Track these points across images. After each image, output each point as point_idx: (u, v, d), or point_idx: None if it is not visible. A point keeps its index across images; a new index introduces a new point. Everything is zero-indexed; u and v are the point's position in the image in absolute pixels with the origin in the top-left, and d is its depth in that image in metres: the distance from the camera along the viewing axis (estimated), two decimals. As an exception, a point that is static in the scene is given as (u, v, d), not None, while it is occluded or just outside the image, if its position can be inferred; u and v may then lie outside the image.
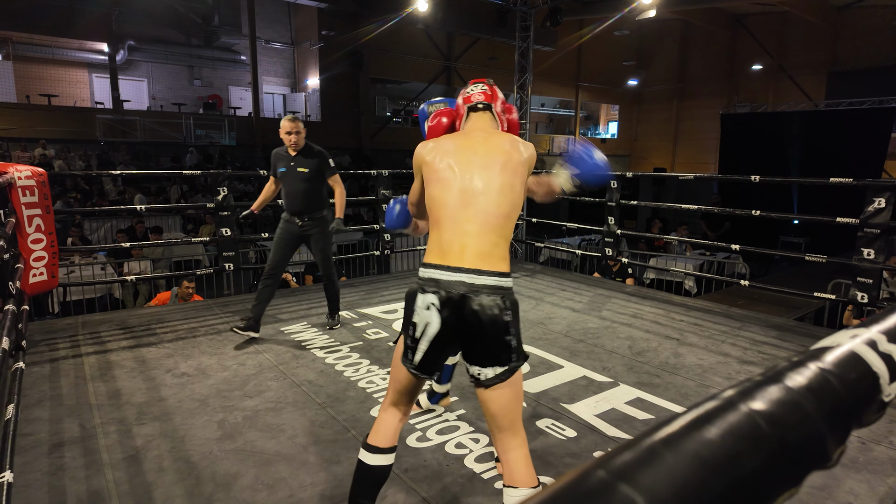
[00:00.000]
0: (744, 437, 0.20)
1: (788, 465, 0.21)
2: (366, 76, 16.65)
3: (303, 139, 3.57)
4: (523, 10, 8.11)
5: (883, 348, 0.30)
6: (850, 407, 0.26)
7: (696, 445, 0.19)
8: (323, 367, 3.20)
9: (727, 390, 0.24)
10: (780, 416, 0.22)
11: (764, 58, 17.53)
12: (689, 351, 3.55)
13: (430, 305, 1.50)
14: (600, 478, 0.18)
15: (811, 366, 0.27)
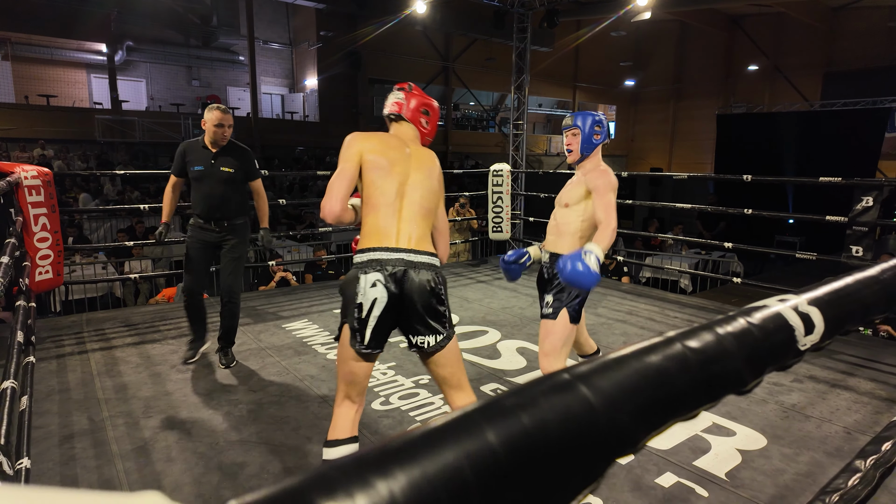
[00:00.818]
0: (674, 361, 0.28)
1: (707, 385, 0.28)
2: (364, 77, 16.72)
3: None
4: (520, 11, 8.19)
5: (802, 309, 0.37)
6: (766, 350, 0.33)
7: (637, 363, 0.27)
8: (324, 363, 3.27)
9: (671, 332, 0.31)
10: (704, 350, 0.29)
11: (760, 59, 17.66)
12: (683, 347, 3.64)
13: (376, 282, 1.64)
14: (564, 378, 0.25)
15: (740, 319, 0.34)
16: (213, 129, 3.05)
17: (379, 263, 1.66)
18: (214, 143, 3.09)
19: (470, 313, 4.34)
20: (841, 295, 0.43)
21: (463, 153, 18.96)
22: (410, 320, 1.70)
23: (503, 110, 20.65)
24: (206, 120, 3.06)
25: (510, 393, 0.23)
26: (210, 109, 3.07)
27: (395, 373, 3.12)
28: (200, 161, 3.08)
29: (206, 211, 3.11)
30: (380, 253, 1.67)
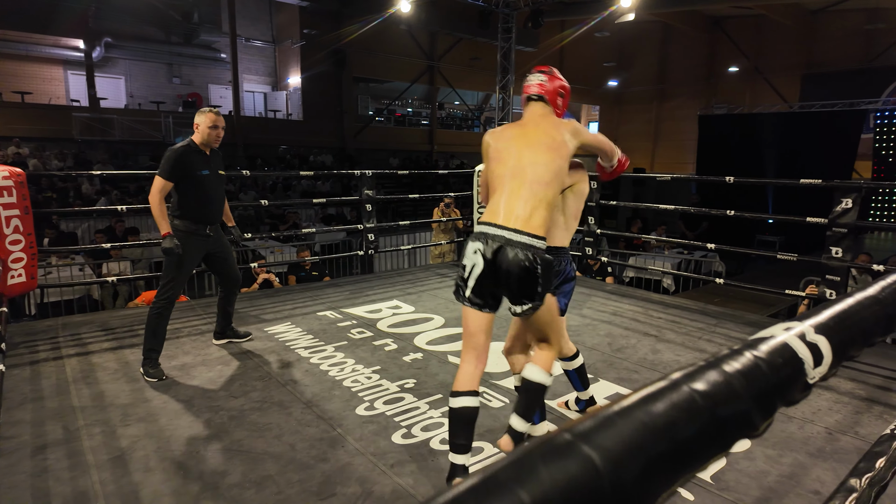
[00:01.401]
0: (682, 409, 0.25)
1: (718, 432, 0.26)
2: (348, 75, 16.60)
3: None
4: (505, 11, 8.19)
5: (810, 338, 0.35)
6: (775, 387, 0.31)
7: (642, 415, 0.24)
8: (308, 367, 3.22)
9: (675, 372, 0.29)
10: (713, 393, 0.27)
11: (741, 60, 17.91)
12: (667, 347, 3.65)
13: (476, 251, 1.92)
14: (565, 439, 0.23)
15: (746, 353, 0.32)
16: (207, 131, 3.07)
17: (484, 236, 1.92)
18: (207, 146, 3.12)
19: (455, 315, 4.32)
20: (844, 319, 0.41)
21: (448, 152, 18.93)
22: (505, 288, 1.95)
23: (488, 110, 20.66)
24: (200, 122, 3.07)
25: (506, 464, 0.21)
26: (202, 112, 3.09)
27: (379, 377, 3.08)
28: (202, 165, 3.10)
29: (205, 216, 3.13)
30: (486, 227, 1.93)
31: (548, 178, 1.96)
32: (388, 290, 5.14)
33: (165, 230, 2.98)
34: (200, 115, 3.08)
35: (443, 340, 3.72)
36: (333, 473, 2.14)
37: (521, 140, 2.02)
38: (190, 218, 3.07)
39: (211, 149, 3.15)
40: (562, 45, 18.03)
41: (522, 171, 1.95)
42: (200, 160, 3.10)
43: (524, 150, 1.98)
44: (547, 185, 1.96)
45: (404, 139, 18.38)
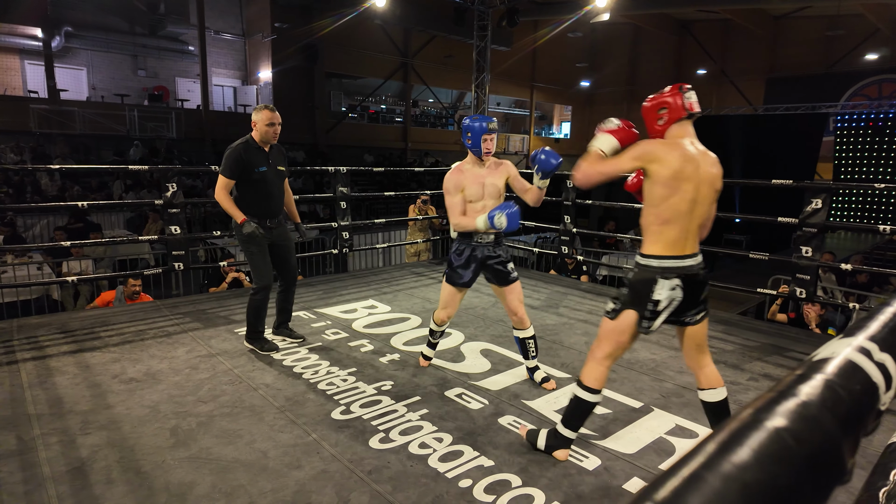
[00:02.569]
0: (777, 459, 0.20)
1: (817, 484, 0.21)
2: (321, 70, 16.33)
3: None
4: (481, 9, 8.15)
5: (877, 358, 0.31)
6: (856, 417, 0.26)
7: (736, 470, 0.19)
8: (281, 370, 3.12)
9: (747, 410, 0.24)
10: (803, 433, 0.22)
11: (708, 63, 18.31)
12: (642, 346, 3.67)
13: (676, 287, 1.98)
14: (649, 509, 0.18)
15: (818, 377, 0.28)
16: (265, 128, 3.17)
17: (676, 270, 1.99)
18: (266, 143, 3.23)
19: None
20: (898, 332, 0.37)
21: (422, 150, 18.84)
22: (690, 305, 2.06)
23: (462, 108, 20.63)
24: (257, 120, 3.19)
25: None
26: (259, 110, 3.20)
27: (355, 379, 3.00)
28: (261, 162, 3.21)
29: (267, 211, 3.28)
30: (676, 261, 1.99)
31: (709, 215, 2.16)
32: (363, 289, 5.04)
33: (241, 217, 3.14)
34: (257, 112, 3.19)
35: (420, 341, 3.65)
36: (308, 481, 2.07)
37: (697, 170, 1.99)
38: (251, 212, 3.20)
39: (270, 145, 3.25)
40: (536, 45, 18.12)
41: (700, 205, 2.00)
42: (260, 157, 3.21)
43: (701, 184, 1.99)
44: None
45: (378, 136, 18.20)
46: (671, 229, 1.98)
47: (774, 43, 16.64)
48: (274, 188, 3.29)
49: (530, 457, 2.28)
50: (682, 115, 2.02)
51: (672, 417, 2.65)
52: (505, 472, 2.16)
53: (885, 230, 4.03)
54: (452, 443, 2.36)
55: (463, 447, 2.33)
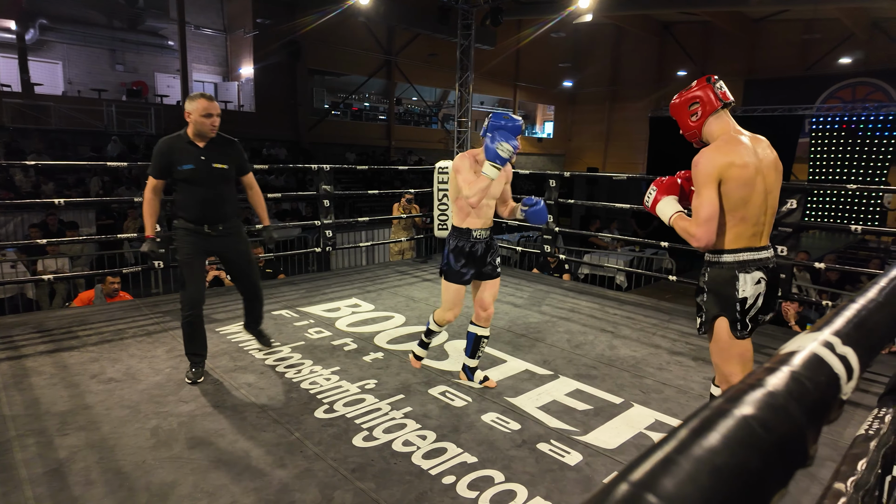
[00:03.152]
0: (745, 444, 0.22)
1: (782, 467, 0.23)
2: (303, 67, 16.19)
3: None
4: (465, 7, 8.16)
5: (840, 350, 0.33)
6: (820, 407, 0.28)
7: (707, 454, 0.21)
8: (263, 369, 3.10)
9: (717, 399, 0.26)
10: (771, 421, 0.24)
11: (689, 64, 18.57)
12: (623, 343, 3.72)
13: (760, 279, 1.89)
14: (625, 490, 0.19)
15: (784, 369, 0.29)
16: (201, 120, 2.75)
17: (757, 263, 1.90)
18: (201, 136, 2.81)
19: (416, 313, 4.27)
20: (862, 326, 0.39)
21: (406, 148, 18.80)
22: (770, 301, 1.96)
23: (446, 106, 20.63)
24: (191, 110, 2.76)
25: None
26: (193, 99, 2.78)
27: (339, 378, 3.00)
28: (188, 159, 2.78)
29: (201, 215, 2.83)
30: (755, 253, 1.90)
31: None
32: (346, 287, 5.03)
33: (148, 232, 2.85)
34: (191, 101, 2.76)
35: (404, 339, 3.66)
36: (291, 481, 2.06)
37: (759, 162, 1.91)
38: (187, 217, 2.84)
39: (209, 139, 2.83)
40: (519, 44, 18.19)
41: (768, 195, 1.93)
42: (188, 153, 2.78)
43: (766, 173, 1.93)
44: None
45: (361, 134, 18.11)
46: (748, 224, 1.88)
47: (753, 45, 16.94)
48: (208, 189, 2.82)
49: (513, 453, 2.30)
50: (716, 106, 1.92)
51: (652, 413, 2.70)
52: (488, 469, 2.18)
53: (857, 230, 4.14)
54: (436, 440, 2.37)
55: (446, 444, 2.34)
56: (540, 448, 2.34)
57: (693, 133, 2.00)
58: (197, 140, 2.81)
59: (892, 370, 1.64)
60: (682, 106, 2.00)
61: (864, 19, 14.51)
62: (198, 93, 2.82)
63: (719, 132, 1.93)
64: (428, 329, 3.03)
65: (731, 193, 1.84)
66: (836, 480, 0.61)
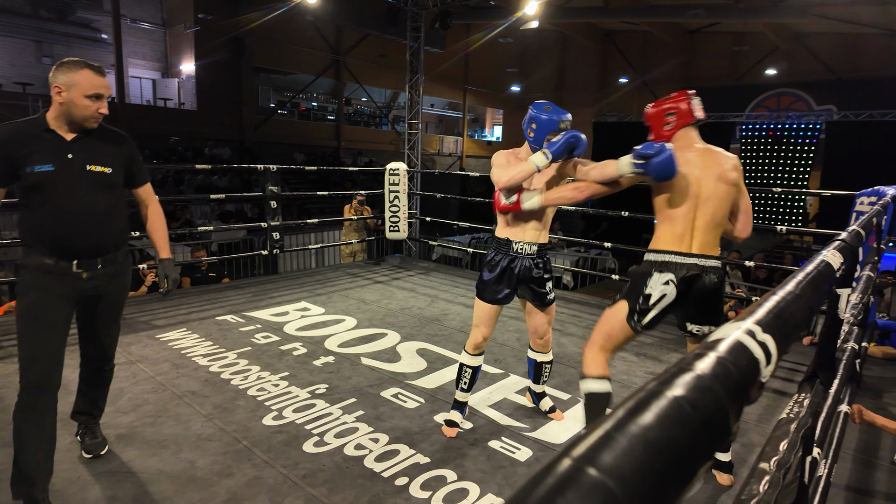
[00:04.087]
0: (676, 421, 0.24)
1: (708, 441, 0.25)
2: (248, 65, 15.73)
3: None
4: (414, 10, 8.18)
5: (760, 337, 0.37)
6: (742, 388, 0.31)
7: (640, 430, 0.23)
8: (207, 377, 2.99)
9: (651, 383, 0.28)
10: (698, 401, 0.26)
11: (630, 72, 19.32)
12: (570, 341, 3.84)
13: (669, 281, 1.92)
14: (568, 465, 0.21)
15: (711, 355, 0.32)
16: (81, 101, 1.82)
17: (672, 266, 1.94)
18: (73, 126, 1.86)
19: (368, 315, 4.24)
20: (780, 316, 0.43)
21: (356, 149, 18.61)
22: (696, 312, 2.00)
23: (396, 108, 20.57)
24: (65, 84, 1.80)
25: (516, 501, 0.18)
26: (71, 67, 1.82)
27: (288, 384, 2.94)
28: (46, 156, 1.81)
29: (61, 242, 1.85)
30: (673, 256, 1.95)
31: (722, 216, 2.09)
32: (295, 291, 4.93)
33: None
34: (66, 72, 1.81)
35: (356, 342, 3.63)
36: (239, 489, 2.01)
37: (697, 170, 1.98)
38: (37, 246, 1.85)
39: (86, 131, 1.89)
40: (468, 48, 18.38)
41: (706, 203, 1.97)
42: (48, 148, 1.83)
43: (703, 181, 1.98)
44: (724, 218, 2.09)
45: (309, 134, 17.78)
46: (676, 225, 1.95)
47: (689, 55, 17.82)
48: (76, 202, 1.85)
49: (465, 451, 2.33)
50: (690, 121, 2.01)
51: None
52: (441, 468, 2.19)
53: (783, 230, 4.44)
54: (389, 442, 2.37)
55: (399, 446, 2.34)
56: (492, 446, 2.38)
57: (664, 141, 2.06)
58: (62, 130, 1.85)
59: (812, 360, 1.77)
60: (658, 115, 2.07)
61: (786, 34, 15.57)
62: (77, 59, 1.86)
63: (680, 144, 2.02)
64: (461, 364, 2.52)
65: (661, 190, 1.98)
66: (761, 461, 0.67)
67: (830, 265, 0.71)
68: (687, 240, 1.95)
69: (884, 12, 12.25)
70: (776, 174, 13.68)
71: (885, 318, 3.58)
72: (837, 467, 1.94)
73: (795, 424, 0.80)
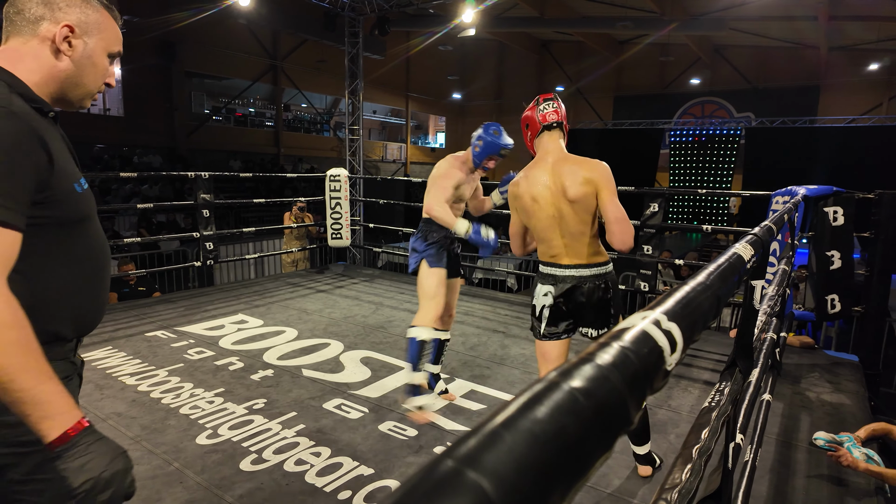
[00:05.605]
0: (567, 412, 0.23)
1: (602, 431, 0.25)
2: (179, 69, 15.08)
3: None
4: (351, 15, 8.11)
5: (665, 326, 0.37)
6: (643, 376, 0.31)
7: (529, 424, 0.22)
8: (135, 396, 2.81)
9: (552, 373, 0.27)
10: (592, 390, 0.26)
11: (565, 80, 19.96)
12: (514, 342, 3.88)
13: (548, 293, 2.03)
14: (448, 467, 0.19)
15: (614, 345, 0.32)
16: (103, 59, 1.07)
17: (553, 278, 2.04)
18: (65, 104, 1.05)
19: (310, 325, 4.13)
20: (687, 305, 0.44)
21: (296, 156, 18.20)
22: (582, 318, 2.08)
23: (338, 114, 20.30)
24: (81, 26, 1.00)
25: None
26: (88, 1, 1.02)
27: (223, 400, 2.81)
28: (73, 164, 1.03)
29: (92, 313, 1.06)
30: (552, 269, 2.05)
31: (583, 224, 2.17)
32: (231, 303, 4.73)
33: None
34: (79, 3, 1.00)
35: (296, 354, 3.52)
36: (170, 515, 1.89)
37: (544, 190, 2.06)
38: (57, 323, 0.97)
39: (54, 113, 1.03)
40: (408, 55, 18.42)
41: (561, 220, 2.04)
42: (67, 149, 1.03)
43: (553, 200, 2.04)
44: (587, 225, 2.16)
45: (246, 140, 17.22)
46: (543, 243, 2.06)
47: (620, 65, 18.61)
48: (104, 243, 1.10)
49: (410, 459, 2.30)
50: (538, 128, 2.08)
51: (541, 408, 2.83)
52: (385, 479, 2.15)
53: (708, 229, 4.68)
54: (331, 455, 2.30)
55: (342, 459, 2.28)
56: (437, 452, 2.36)
57: (532, 152, 2.15)
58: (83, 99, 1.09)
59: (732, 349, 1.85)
60: (522, 125, 2.16)
61: (707, 45, 16.58)
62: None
63: (538, 154, 2.09)
64: (419, 341, 2.58)
65: (523, 218, 2.13)
66: (684, 449, 0.68)
67: (742, 257, 0.74)
68: (559, 255, 2.03)
69: (790, 27, 13.28)
70: (702, 177, 14.49)
71: (801, 309, 3.84)
72: (762, 451, 2.05)
73: (717, 412, 0.82)
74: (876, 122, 12.70)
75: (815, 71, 15.09)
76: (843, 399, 3.03)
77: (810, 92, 15.43)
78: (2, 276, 0.78)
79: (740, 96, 16.87)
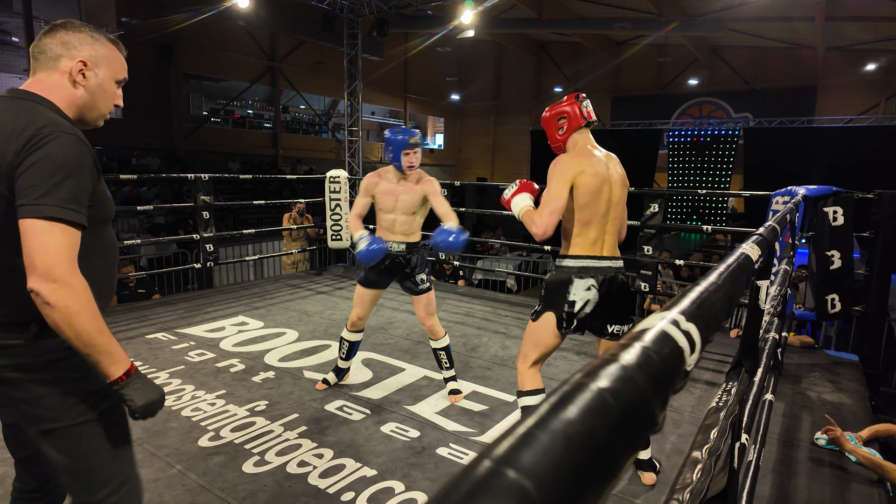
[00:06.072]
0: (597, 413, 0.23)
1: (631, 432, 0.25)
2: (177, 71, 15.07)
3: None
4: (350, 17, 8.12)
5: (684, 327, 0.37)
6: (666, 377, 0.31)
7: (562, 425, 0.22)
8: (136, 399, 2.80)
9: (577, 374, 0.27)
10: (619, 391, 0.26)
11: (563, 82, 19.98)
12: (515, 343, 3.88)
13: (591, 286, 2.00)
14: (487, 467, 0.19)
15: (636, 345, 0.32)
16: (112, 86, 1.28)
17: (593, 270, 2.01)
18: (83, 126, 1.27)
19: (310, 327, 4.12)
20: (703, 305, 0.44)
21: (294, 157, 18.20)
22: (614, 313, 2.06)
23: (336, 115, 20.30)
24: (93, 60, 1.20)
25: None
26: (95, 35, 1.23)
27: (225, 402, 2.80)
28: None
29: (108, 295, 1.31)
30: (591, 261, 2.02)
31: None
32: (231, 305, 4.73)
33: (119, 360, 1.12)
34: (88, 41, 1.20)
35: (297, 355, 3.52)
36: (173, 518, 1.88)
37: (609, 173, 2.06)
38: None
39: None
40: (406, 56, 18.42)
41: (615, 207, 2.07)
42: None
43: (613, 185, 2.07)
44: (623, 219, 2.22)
45: (245, 142, 17.21)
46: (591, 231, 2.01)
47: (617, 66, 18.63)
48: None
49: (413, 461, 2.30)
50: (581, 123, 2.07)
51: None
52: (388, 480, 2.15)
53: (708, 229, 4.68)
54: (334, 457, 2.30)
55: (345, 460, 2.28)
56: (439, 453, 2.36)
57: (559, 146, 2.15)
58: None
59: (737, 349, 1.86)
60: (551, 119, 2.13)
61: (704, 46, 16.61)
62: (86, 24, 1.23)
63: (580, 146, 2.09)
64: (341, 337, 3.02)
65: (579, 198, 1.99)
66: (693, 449, 0.68)
67: (749, 257, 0.74)
68: (600, 244, 2.03)
69: (787, 28, 13.31)
70: (701, 177, 14.51)
71: (801, 309, 3.85)
72: (765, 451, 2.05)
73: (724, 412, 0.83)
74: (873, 121, 12.74)
75: (813, 71, 15.13)
76: (843, 398, 3.03)
77: (808, 92, 15.47)
78: (75, 264, 1.05)
79: (738, 97, 16.90)
